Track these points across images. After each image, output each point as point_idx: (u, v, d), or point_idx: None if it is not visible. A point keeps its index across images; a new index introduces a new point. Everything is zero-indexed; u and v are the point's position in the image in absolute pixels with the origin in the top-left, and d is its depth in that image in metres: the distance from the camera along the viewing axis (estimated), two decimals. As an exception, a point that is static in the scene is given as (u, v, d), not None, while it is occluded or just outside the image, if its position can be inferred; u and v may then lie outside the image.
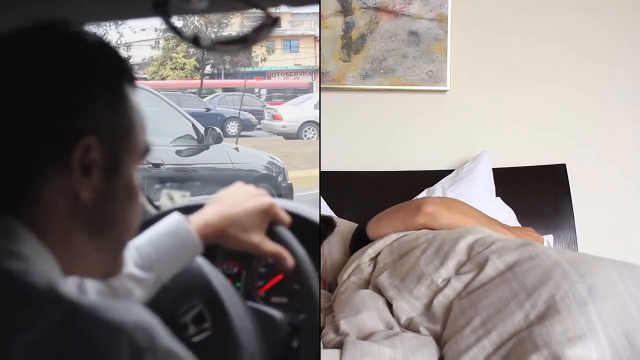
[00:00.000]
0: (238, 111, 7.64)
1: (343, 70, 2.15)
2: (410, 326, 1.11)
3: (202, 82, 9.68)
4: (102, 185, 0.54)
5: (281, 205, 0.81)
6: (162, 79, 9.52)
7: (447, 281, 1.12)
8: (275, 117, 7.97)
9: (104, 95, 0.55)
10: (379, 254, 1.38)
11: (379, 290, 1.22)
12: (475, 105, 2.17)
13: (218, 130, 3.61)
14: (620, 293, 0.94)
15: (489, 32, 2.16)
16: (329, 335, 1.11)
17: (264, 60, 10.73)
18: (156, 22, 8.73)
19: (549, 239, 1.71)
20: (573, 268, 0.99)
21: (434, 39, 2.13)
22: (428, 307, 1.11)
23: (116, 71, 0.58)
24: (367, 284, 1.29)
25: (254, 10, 0.69)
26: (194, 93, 8.99)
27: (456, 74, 2.13)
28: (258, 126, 8.08)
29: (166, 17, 0.61)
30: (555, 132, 2.17)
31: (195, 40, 0.62)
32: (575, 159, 2.12)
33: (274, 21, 0.63)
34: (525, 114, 2.17)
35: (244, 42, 0.64)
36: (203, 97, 8.81)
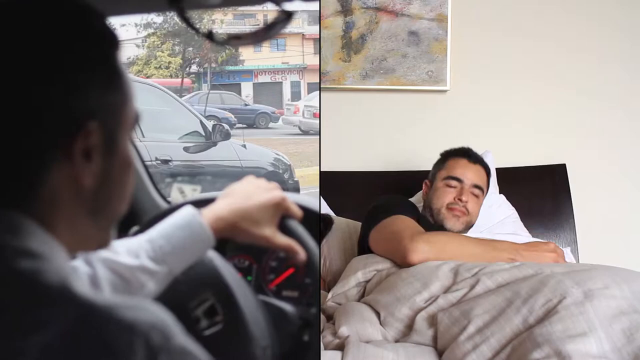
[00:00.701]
0: (220, 110, 7.58)
1: (343, 70, 2.15)
2: None
3: (182, 81, 9.56)
4: (102, 167, 0.52)
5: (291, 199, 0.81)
6: (147, 77, 9.36)
7: (431, 301, 1.12)
8: (295, 112, 7.91)
9: (99, 73, 0.52)
10: (368, 280, 1.37)
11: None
12: (475, 106, 2.17)
13: (226, 127, 3.60)
14: (615, 296, 0.95)
15: (489, 32, 2.17)
16: (327, 337, 1.11)
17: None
18: (136, 18, 8.61)
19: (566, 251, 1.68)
20: (567, 277, 1.00)
21: (434, 39, 2.13)
22: (410, 326, 1.11)
23: (108, 42, 0.53)
24: None
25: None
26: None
27: (456, 74, 2.14)
28: (238, 125, 7.97)
29: (181, 12, 0.61)
30: (555, 132, 2.17)
31: (209, 35, 0.62)
32: (575, 159, 2.13)
33: (288, 16, 0.63)
34: (525, 114, 2.18)
35: (257, 36, 0.64)
36: (182, 96, 8.69)
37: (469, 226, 1.59)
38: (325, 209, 1.96)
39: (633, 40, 2.19)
